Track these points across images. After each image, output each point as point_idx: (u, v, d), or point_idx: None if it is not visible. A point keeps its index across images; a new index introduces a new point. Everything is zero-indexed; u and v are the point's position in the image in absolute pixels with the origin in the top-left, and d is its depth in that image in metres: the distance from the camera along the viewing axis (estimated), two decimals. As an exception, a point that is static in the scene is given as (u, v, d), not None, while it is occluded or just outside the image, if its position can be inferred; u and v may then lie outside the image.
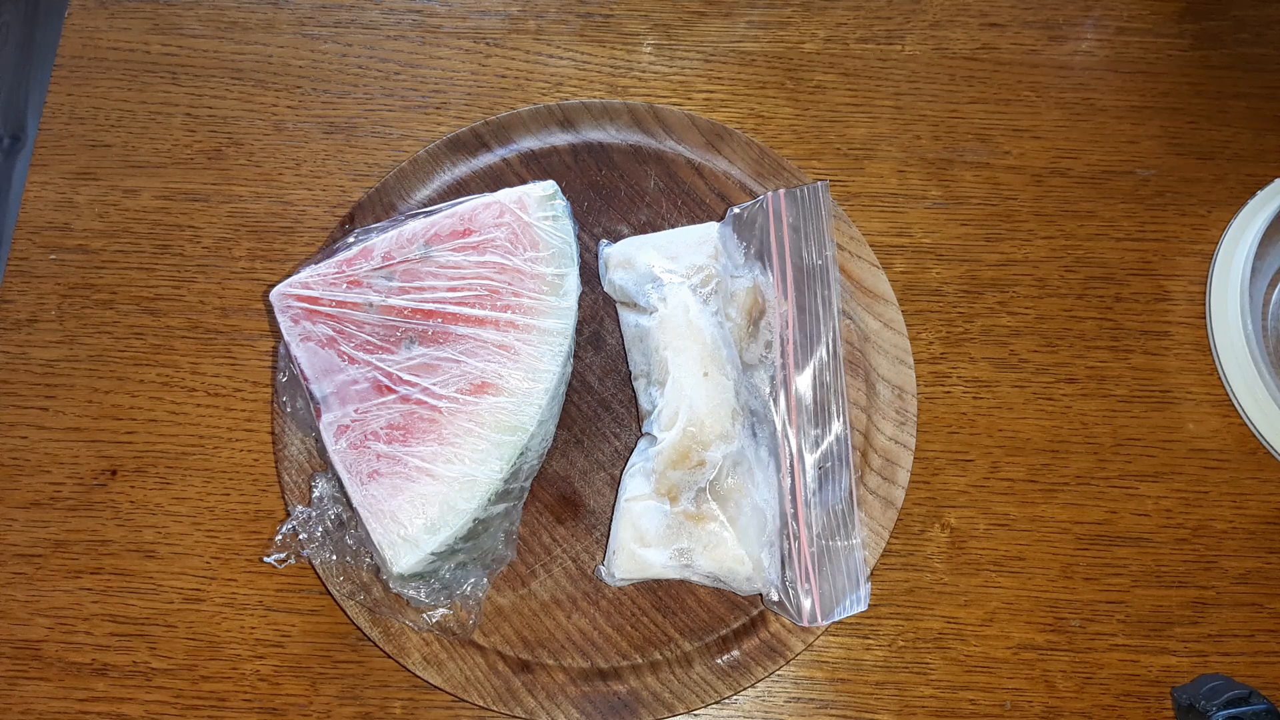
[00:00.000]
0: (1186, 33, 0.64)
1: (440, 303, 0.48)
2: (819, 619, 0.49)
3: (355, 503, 0.46)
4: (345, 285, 0.49)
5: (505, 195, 0.50)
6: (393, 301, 0.48)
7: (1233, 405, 0.56)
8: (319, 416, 0.47)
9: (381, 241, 0.50)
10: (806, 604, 0.49)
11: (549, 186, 0.51)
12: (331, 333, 0.48)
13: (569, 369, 0.50)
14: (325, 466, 0.50)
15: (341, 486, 0.47)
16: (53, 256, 0.58)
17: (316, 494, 0.48)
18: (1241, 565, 0.53)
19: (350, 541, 0.48)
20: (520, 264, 0.49)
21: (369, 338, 0.48)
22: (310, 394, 0.48)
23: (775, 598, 0.49)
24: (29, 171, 0.60)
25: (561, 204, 0.51)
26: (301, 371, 0.48)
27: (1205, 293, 0.57)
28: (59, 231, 0.59)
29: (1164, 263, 0.59)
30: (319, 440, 0.49)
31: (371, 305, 0.48)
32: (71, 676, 0.51)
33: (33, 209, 0.59)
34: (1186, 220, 0.59)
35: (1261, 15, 0.64)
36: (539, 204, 0.50)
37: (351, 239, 0.51)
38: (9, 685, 0.51)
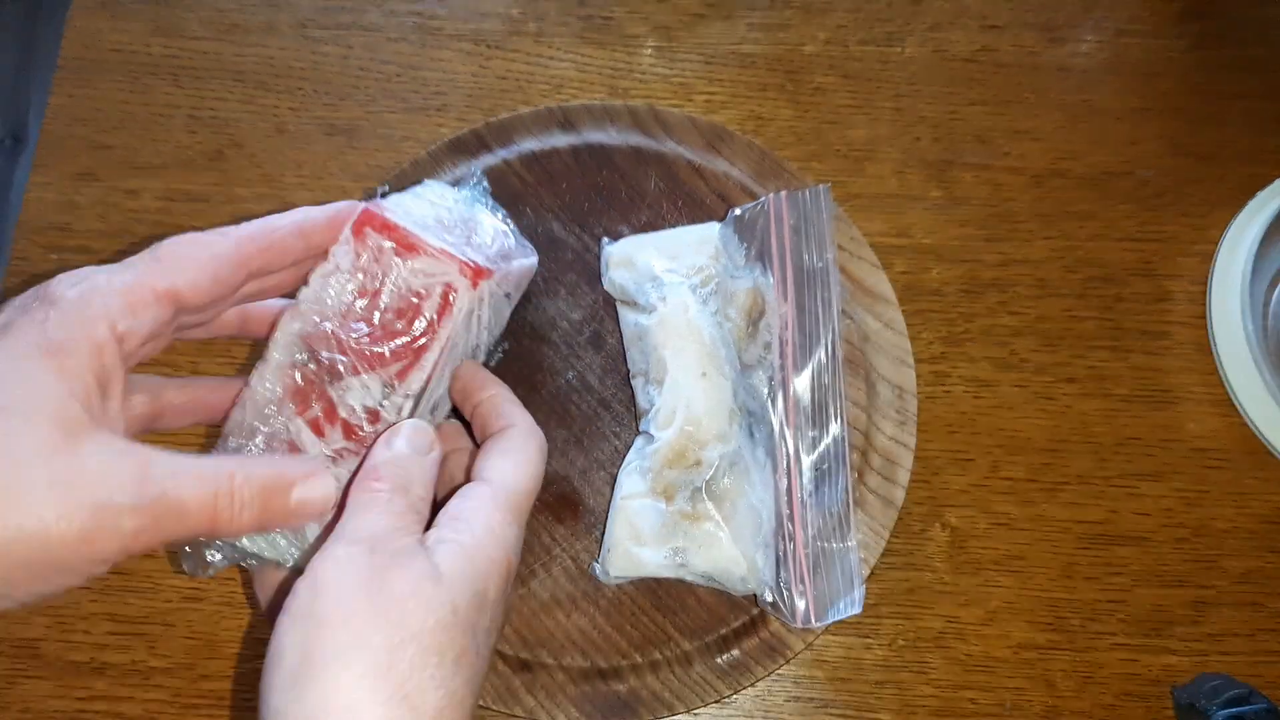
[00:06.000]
0: (1186, 34, 0.64)
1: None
2: (813, 620, 0.49)
3: None
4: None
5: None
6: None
7: (1233, 405, 0.55)
8: None
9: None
10: (801, 605, 0.49)
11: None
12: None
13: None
14: None
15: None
16: (54, 257, 0.58)
17: None
18: (1242, 565, 0.53)
19: None
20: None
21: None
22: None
23: (770, 599, 0.49)
24: (30, 172, 0.60)
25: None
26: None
27: (1205, 293, 0.57)
28: (60, 232, 0.59)
29: (1164, 263, 0.59)
30: None
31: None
32: (70, 675, 0.51)
33: (34, 209, 0.59)
34: (1186, 220, 0.59)
35: (1261, 16, 0.64)
36: None
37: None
38: (8, 684, 0.51)
